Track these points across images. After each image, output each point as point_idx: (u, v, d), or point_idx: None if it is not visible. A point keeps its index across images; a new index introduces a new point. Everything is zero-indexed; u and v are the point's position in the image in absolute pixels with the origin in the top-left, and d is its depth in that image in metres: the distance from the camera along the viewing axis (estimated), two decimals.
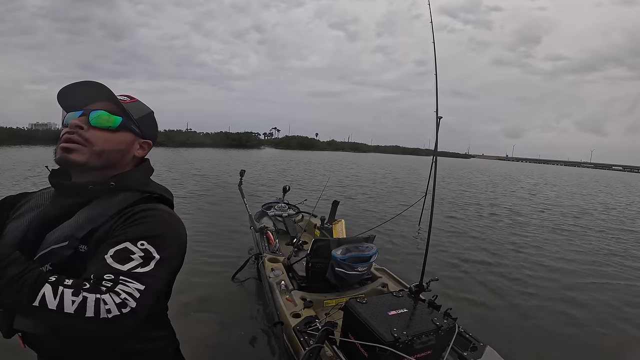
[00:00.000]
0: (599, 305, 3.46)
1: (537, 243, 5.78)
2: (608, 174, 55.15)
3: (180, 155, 23.04)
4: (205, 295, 3.05)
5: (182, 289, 3.10)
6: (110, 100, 0.74)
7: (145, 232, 0.66)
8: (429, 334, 1.52)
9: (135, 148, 0.78)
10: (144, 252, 0.63)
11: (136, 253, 0.62)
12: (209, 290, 3.16)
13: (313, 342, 1.68)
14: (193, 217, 6.11)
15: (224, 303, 2.95)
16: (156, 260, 0.63)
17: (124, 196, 0.73)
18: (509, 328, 2.89)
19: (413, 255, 4.53)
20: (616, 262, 4.97)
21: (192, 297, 2.98)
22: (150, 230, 0.66)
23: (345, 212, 6.58)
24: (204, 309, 2.81)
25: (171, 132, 43.02)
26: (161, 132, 7.21)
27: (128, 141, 0.76)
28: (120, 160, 0.76)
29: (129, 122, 0.75)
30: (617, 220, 8.87)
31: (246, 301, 3.04)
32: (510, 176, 25.23)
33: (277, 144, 58.55)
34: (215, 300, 2.99)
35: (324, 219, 4.02)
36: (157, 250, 0.64)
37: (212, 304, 2.91)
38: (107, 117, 0.72)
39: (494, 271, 4.25)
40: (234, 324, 2.64)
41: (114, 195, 0.73)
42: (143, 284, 0.59)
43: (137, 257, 0.62)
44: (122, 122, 0.74)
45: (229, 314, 2.78)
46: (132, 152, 0.78)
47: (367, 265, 2.39)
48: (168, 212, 0.75)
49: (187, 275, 3.44)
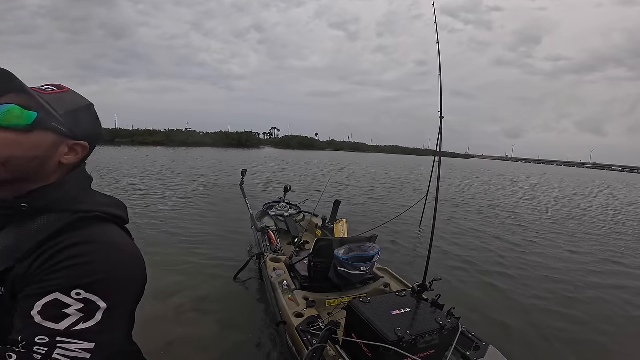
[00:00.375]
0: (603, 305, 3.47)
1: (540, 243, 5.78)
2: (607, 175, 55.14)
3: (179, 155, 23.03)
4: (207, 295, 3.05)
5: (184, 289, 3.11)
6: (22, 92, 0.55)
7: (79, 277, 0.50)
8: (432, 333, 1.53)
9: (61, 153, 0.58)
10: (83, 302, 0.49)
11: (72, 306, 0.48)
12: (211, 290, 3.16)
13: (316, 342, 1.68)
14: (194, 217, 6.11)
15: (226, 303, 2.95)
16: (103, 311, 0.50)
17: (45, 221, 0.56)
18: (511, 328, 2.89)
19: (415, 255, 4.53)
20: (618, 264, 4.98)
21: (194, 297, 2.98)
22: (86, 275, 0.50)
23: (347, 212, 6.58)
24: (206, 309, 2.81)
25: (171, 131, 42.88)
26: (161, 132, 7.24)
27: (47, 144, 0.56)
28: (38, 170, 0.56)
29: (48, 118, 0.55)
30: (615, 221, 8.87)
31: (248, 301, 3.04)
32: (509, 176, 25.23)
33: (277, 144, 58.70)
34: (217, 300, 2.99)
35: (325, 218, 4.02)
36: (101, 299, 0.50)
37: (214, 304, 2.91)
38: (19, 113, 0.53)
39: (497, 271, 4.25)
40: (236, 324, 2.64)
41: (32, 220, 0.56)
42: (92, 342, 0.48)
43: (73, 311, 0.48)
44: (38, 118, 0.54)
45: (231, 314, 2.78)
46: (56, 158, 0.58)
47: (369, 265, 2.39)
48: (108, 242, 0.57)
49: (188, 275, 3.45)
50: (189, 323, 2.60)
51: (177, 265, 3.68)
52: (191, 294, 3.03)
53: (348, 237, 2.88)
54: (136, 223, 5.21)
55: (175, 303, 2.85)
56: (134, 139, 37.32)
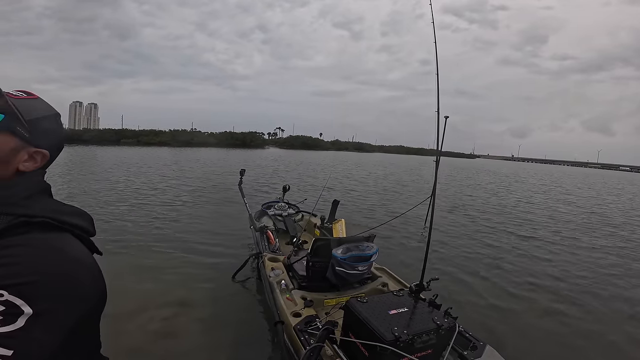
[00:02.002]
0: (600, 306, 3.46)
1: (539, 245, 5.78)
2: (616, 174, 54.97)
3: (186, 156, 23.02)
4: (206, 295, 3.05)
5: (182, 288, 3.11)
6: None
7: (2, 278, 0.47)
8: (429, 333, 1.52)
9: (20, 159, 0.57)
10: (4, 305, 0.46)
11: None
12: (209, 290, 3.16)
13: (314, 342, 1.68)
14: (192, 217, 6.11)
15: (224, 302, 2.95)
16: (27, 317, 0.46)
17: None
18: (509, 327, 2.89)
19: (414, 256, 4.52)
20: (615, 266, 4.97)
21: (192, 296, 2.98)
22: (11, 276, 0.48)
23: (346, 211, 6.58)
24: (204, 308, 2.81)
25: (176, 131, 43.28)
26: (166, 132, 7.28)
27: (8, 148, 0.55)
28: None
29: (13, 122, 0.55)
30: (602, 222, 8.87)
31: (246, 301, 3.04)
32: (515, 176, 25.21)
33: (281, 144, 58.91)
34: (215, 299, 2.99)
35: (324, 218, 4.02)
36: (27, 303, 0.47)
37: (212, 304, 2.91)
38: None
39: (495, 272, 4.24)
40: (234, 323, 2.64)
41: None
42: (10, 349, 0.44)
43: None
44: (3, 120, 0.54)
45: (229, 313, 2.78)
46: (14, 164, 0.57)
47: (367, 265, 2.39)
48: (48, 247, 0.54)
49: (187, 275, 3.45)
50: (187, 321, 2.60)
51: (175, 264, 3.69)
52: (189, 292, 3.03)
53: (346, 237, 2.88)
54: (136, 223, 5.20)
55: (173, 302, 2.85)
56: (140, 139, 37.49)
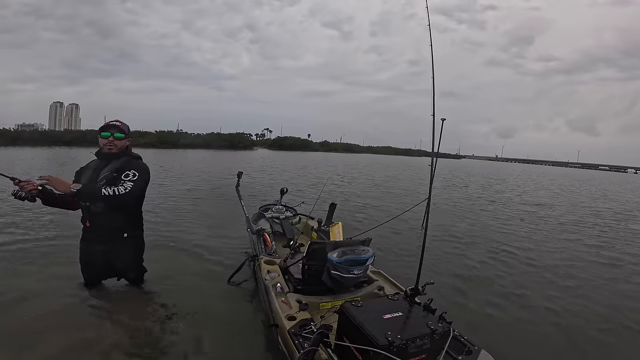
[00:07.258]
0: (597, 310, 3.46)
1: (534, 248, 5.79)
2: (595, 174, 55.64)
3: (172, 157, 22.95)
4: (201, 298, 3.03)
5: (177, 290, 3.09)
6: None
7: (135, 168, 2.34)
8: (423, 337, 1.52)
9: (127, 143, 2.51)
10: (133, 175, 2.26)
11: (130, 176, 2.25)
12: (205, 292, 3.14)
13: (308, 345, 1.68)
14: (190, 218, 6.09)
15: (219, 305, 2.93)
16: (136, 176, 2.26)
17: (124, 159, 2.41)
18: (504, 332, 2.89)
19: (412, 259, 4.52)
20: (611, 266, 4.99)
21: (187, 298, 2.96)
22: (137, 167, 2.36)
23: (343, 214, 6.57)
24: (200, 311, 2.79)
25: (162, 132, 42.17)
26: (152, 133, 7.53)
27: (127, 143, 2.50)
28: None
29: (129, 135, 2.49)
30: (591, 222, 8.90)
31: (242, 303, 3.03)
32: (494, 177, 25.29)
33: (270, 145, 58.87)
34: (211, 302, 2.97)
35: (321, 221, 4.01)
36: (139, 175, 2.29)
37: (208, 306, 2.89)
38: None
39: (491, 276, 4.24)
40: (228, 326, 2.63)
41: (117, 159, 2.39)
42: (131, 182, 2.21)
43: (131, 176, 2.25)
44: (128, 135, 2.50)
45: (224, 316, 2.77)
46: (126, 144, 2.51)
47: (363, 269, 2.39)
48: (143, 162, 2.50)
49: (182, 277, 3.43)
50: (181, 324, 2.58)
51: (171, 266, 3.66)
52: (184, 295, 3.01)
53: (342, 241, 2.88)
54: None
55: (168, 303, 2.83)
56: None
